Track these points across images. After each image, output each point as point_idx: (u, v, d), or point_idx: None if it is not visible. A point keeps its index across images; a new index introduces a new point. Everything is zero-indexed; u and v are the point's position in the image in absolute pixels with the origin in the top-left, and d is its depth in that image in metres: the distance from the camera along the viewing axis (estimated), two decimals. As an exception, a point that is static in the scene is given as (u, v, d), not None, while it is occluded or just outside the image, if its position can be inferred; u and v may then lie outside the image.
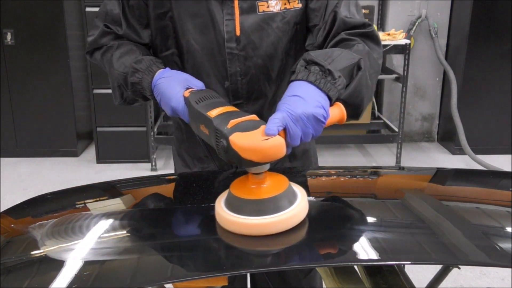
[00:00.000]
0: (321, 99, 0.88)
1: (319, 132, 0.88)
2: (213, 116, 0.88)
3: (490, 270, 2.54)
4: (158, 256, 0.86)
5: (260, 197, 0.83)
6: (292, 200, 0.85)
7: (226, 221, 0.84)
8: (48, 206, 1.12)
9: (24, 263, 0.84)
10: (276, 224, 0.82)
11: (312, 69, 0.92)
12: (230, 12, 1.11)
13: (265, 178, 0.86)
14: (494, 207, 1.02)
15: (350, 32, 1.09)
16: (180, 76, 1.07)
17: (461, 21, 4.02)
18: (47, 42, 3.87)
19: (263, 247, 0.82)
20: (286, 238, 0.83)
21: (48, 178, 3.72)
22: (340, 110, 0.92)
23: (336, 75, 0.91)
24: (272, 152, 0.80)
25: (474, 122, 4.04)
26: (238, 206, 0.84)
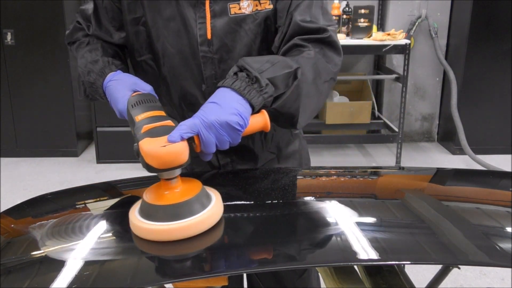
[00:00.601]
0: (239, 107, 0.87)
1: (236, 139, 0.88)
2: (138, 120, 0.90)
3: (490, 270, 2.54)
4: (158, 256, 0.86)
5: (172, 203, 0.83)
6: (206, 204, 0.86)
7: (138, 229, 0.84)
8: (48, 206, 1.12)
9: (24, 264, 0.84)
10: (188, 228, 0.82)
11: (240, 76, 0.92)
12: (202, 15, 1.11)
13: (177, 184, 0.86)
14: (494, 207, 1.02)
15: (304, 37, 1.06)
16: (129, 80, 1.06)
17: (461, 21, 4.02)
18: (47, 42, 3.87)
19: (180, 251, 0.82)
20: (202, 241, 0.83)
21: (48, 178, 3.72)
22: (263, 118, 0.91)
23: (263, 83, 0.91)
24: (169, 158, 0.81)
25: (474, 122, 4.04)
26: (151, 213, 0.84)
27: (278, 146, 1.30)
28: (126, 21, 1.17)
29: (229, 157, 1.26)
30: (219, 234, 0.86)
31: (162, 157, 0.81)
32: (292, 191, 1.08)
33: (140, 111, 0.93)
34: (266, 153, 1.28)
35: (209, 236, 0.84)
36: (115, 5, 1.17)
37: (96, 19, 1.19)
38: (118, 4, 1.16)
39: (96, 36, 1.20)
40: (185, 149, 0.83)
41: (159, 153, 0.81)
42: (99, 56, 1.13)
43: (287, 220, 0.94)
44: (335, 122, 4.00)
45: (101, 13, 1.18)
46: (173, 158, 0.82)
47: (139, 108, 0.94)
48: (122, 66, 1.15)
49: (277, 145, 1.30)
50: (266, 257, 0.83)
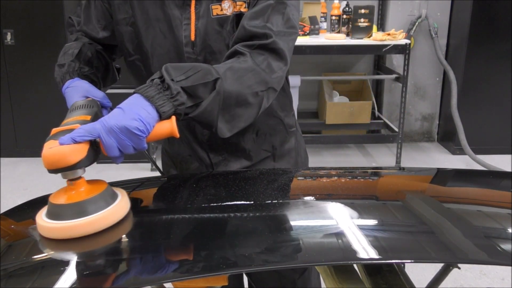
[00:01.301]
0: (143, 112, 0.88)
1: (139, 144, 0.89)
2: (63, 123, 0.95)
3: (490, 270, 2.54)
4: (158, 256, 0.86)
5: (75, 201, 0.86)
6: (110, 201, 0.89)
7: (44, 229, 0.86)
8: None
9: (24, 265, 0.84)
10: (92, 223, 0.85)
11: (154, 82, 0.93)
12: (188, 17, 1.12)
13: (80, 184, 0.89)
14: (494, 207, 1.02)
15: (246, 43, 1.04)
16: (82, 87, 1.10)
17: (461, 21, 4.02)
18: (47, 42, 3.87)
19: (87, 248, 0.84)
20: (107, 236, 0.86)
21: (48, 178, 3.69)
22: (170, 125, 0.92)
23: (174, 91, 0.92)
24: (53, 159, 0.84)
25: (474, 122, 4.04)
26: (56, 213, 0.86)
27: (272, 145, 1.30)
28: (116, 21, 1.19)
29: (220, 155, 1.26)
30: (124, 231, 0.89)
31: (46, 158, 0.85)
32: (292, 191, 1.08)
33: (71, 116, 0.98)
34: (261, 152, 1.29)
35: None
36: (104, 5, 1.20)
37: (86, 15, 1.23)
38: (107, 5, 1.20)
39: (84, 31, 1.24)
40: (73, 151, 0.85)
41: (44, 155, 0.85)
42: (68, 60, 1.16)
43: (287, 220, 0.94)
44: (335, 122, 4.00)
45: (91, 10, 1.21)
46: (57, 159, 0.84)
47: (74, 112, 1.00)
48: (91, 72, 1.16)
49: (272, 144, 1.30)
50: (266, 256, 0.83)
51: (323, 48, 3.67)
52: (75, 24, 1.25)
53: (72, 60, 1.15)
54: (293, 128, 1.35)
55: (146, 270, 0.79)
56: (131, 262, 0.83)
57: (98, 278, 0.77)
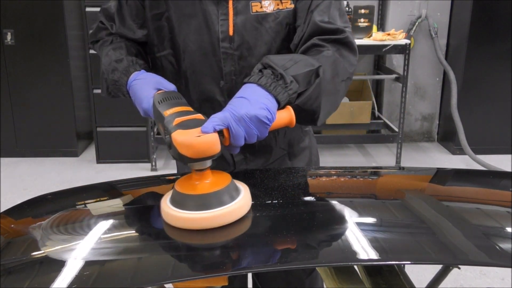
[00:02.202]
0: (267, 102, 0.91)
1: (264, 133, 0.91)
2: (167, 115, 0.94)
3: (490, 270, 2.54)
4: (158, 256, 0.86)
5: (203, 192, 0.88)
6: (234, 196, 0.89)
7: (171, 217, 0.88)
8: (48, 206, 1.12)
9: (24, 264, 0.84)
10: (218, 217, 0.86)
11: (265, 73, 0.95)
12: (225, 12, 1.13)
13: (208, 175, 0.90)
14: (494, 207, 1.02)
15: (322, 38, 1.09)
16: (153, 79, 1.09)
17: (461, 21, 4.02)
18: (47, 42, 3.87)
19: (208, 240, 0.85)
20: (230, 231, 0.86)
21: (48, 178, 3.72)
22: (289, 114, 0.95)
23: (288, 80, 0.95)
24: (203, 148, 0.85)
25: (474, 122, 4.04)
26: (182, 202, 0.88)
27: (289, 143, 1.31)
28: (148, 17, 1.19)
29: (243, 154, 1.27)
30: (245, 226, 0.89)
31: (196, 146, 0.85)
32: (292, 191, 1.08)
33: (168, 107, 0.96)
34: (278, 150, 1.30)
35: (236, 228, 0.87)
36: (139, 2, 1.19)
37: (120, 17, 1.21)
38: (142, 1, 1.19)
39: (120, 34, 1.23)
40: (217, 140, 0.86)
41: (194, 143, 0.85)
42: (124, 55, 1.16)
43: (287, 220, 0.94)
44: (335, 122, 4.00)
45: (125, 11, 1.20)
46: (207, 147, 0.85)
47: (166, 104, 0.98)
48: (145, 66, 1.17)
49: (289, 142, 1.31)
50: (266, 257, 0.83)
51: (323, 48, 3.67)
52: (108, 27, 1.24)
53: (127, 55, 1.16)
54: (307, 127, 1.38)
55: (146, 270, 0.79)
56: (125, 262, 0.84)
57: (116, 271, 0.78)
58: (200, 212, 0.86)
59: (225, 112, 0.89)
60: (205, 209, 0.86)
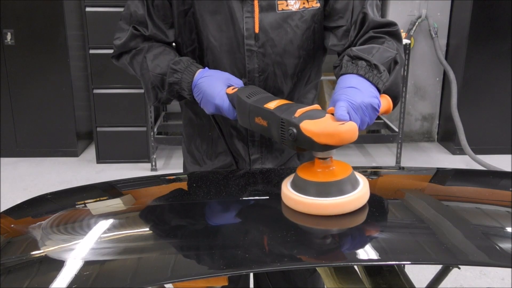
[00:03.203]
0: (374, 90, 0.95)
1: (373, 120, 0.94)
2: (272, 108, 0.95)
3: (490, 270, 2.54)
4: (158, 256, 0.86)
5: (326, 180, 0.89)
6: (355, 186, 0.91)
7: (293, 201, 0.90)
8: (48, 206, 1.12)
9: (24, 263, 0.84)
10: (339, 205, 0.88)
11: (360, 64, 0.98)
12: (250, 10, 1.14)
13: (331, 164, 0.92)
14: (494, 207, 1.02)
15: (378, 30, 1.13)
16: (222, 75, 1.11)
17: (461, 21, 4.02)
18: (47, 42, 3.87)
19: (325, 226, 0.88)
20: (346, 220, 0.88)
21: (48, 178, 3.72)
22: (387, 101, 0.99)
23: (381, 69, 0.98)
24: (348, 135, 0.86)
25: (474, 122, 4.04)
26: (304, 187, 0.90)
27: None
28: (175, 15, 1.18)
29: (260, 152, 1.27)
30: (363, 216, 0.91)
31: (340, 134, 0.86)
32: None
33: (265, 101, 0.98)
34: (289, 150, 1.30)
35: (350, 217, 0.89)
36: (165, 2, 1.17)
37: (151, 19, 1.19)
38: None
39: (153, 37, 1.20)
40: (357, 127, 0.88)
41: (338, 131, 0.85)
42: (176, 56, 1.16)
43: (287, 220, 0.94)
44: (335, 122, 3.99)
45: (153, 13, 1.18)
46: (351, 135, 0.86)
47: (259, 98, 1.00)
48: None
49: None
50: (265, 257, 0.83)
51: (323, 48, 3.67)
52: (143, 33, 1.19)
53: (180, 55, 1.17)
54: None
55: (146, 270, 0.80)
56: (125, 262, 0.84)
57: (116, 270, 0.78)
58: (321, 198, 0.88)
59: (344, 102, 0.90)
60: (326, 196, 0.88)
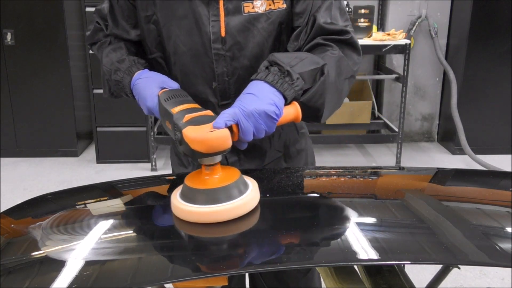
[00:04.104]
0: (274, 98, 0.94)
1: (272, 128, 0.94)
2: (174, 112, 0.95)
3: (490, 270, 2.54)
4: (158, 256, 0.86)
5: (212, 187, 0.89)
6: (243, 190, 0.91)
7: (181, 211, 0.89)
8: (48, 206, 1.12)
9: (24, 264, 0.84)
10: (227, 211, 0.87)
11: (272, 70, 0.98)
12: (216, 13, 1.12)
13: (217, 170, 0.92)
14: (494, 207, 1.02)
15: (327, 37, 1.10)
16: (157, 78, 1.11)
17: (461, 21, 4.02)
18: (47, 42, 3.87)
19: (218, 234, 0.87)
20: (239, 225, 0.88)
21: (48, 178, 3.72)
22: (295, 109, 0.98)
23: (294, 77, 0.97)
24: (217, 143, 0.87)
25: (474, 122, 4.04)
26: (192, 196, 0.89)
27: (285, 145, 1.31)
28: (140, 19, 1.18)
29: (237, 155, 1.26)
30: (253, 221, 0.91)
31: (209, 142, 0.86)
32: (292, 190, 1.08)
33: (175, 104, 0.98)
34: (273, 152, 1.29)
35: (242, 222, 0.89)
36: (130, 3, 1.19)
37: (112, 18, 1.21)
38: (133, 1, 1.18)
39: (114, 34, 1.23)
40: (229, 135, 0.88)
41: (207, 138, 0.86)
42: (125, 55, 1.17)
43: (287, 220, 0.94)
44: (335, 122, 4.00)
45: (116, 11, 1.20)
46: (220, 143, 0.87)
47: (173, 102, 1.00)
48: (147, 65, 1.18)
49: (284, 144, 1.30)
50: (265, 256, 0.83)
51: (323, 48, 3.67)
52: (103, 28, 1.24)
53: (128, 55, 1.16)
54: (303, 129, 1.37)
55: (146, 270, 0.79)
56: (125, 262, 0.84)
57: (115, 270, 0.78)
58: (209, 206, 0.87)
59: (235, 108, 0.91)
60: (215, 203, 0.87)
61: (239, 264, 0.82)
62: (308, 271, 1.41)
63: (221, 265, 0.79)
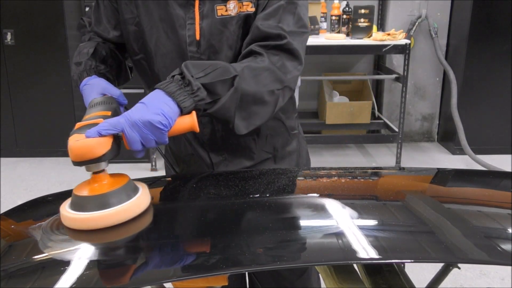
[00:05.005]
0: (164, 107, 0.92)
1: (161, 138, 0.92)
2: (83, 119, 0.97)
3: (490, 270, 2.54)
4: (158, 256, 0.86)
5: (98, 193, 0.89)
6: (132, 195, 0.92)
7: (69, 220, 0.89)
8: (48, 208, 1.12)
9: (24, 265, 0.84)
10: (113, 215, 0.88)
11: (175, 79, 0.97)
12: (192, 16, 1.13)
13: (104, 177, 0.92)
14: (494, 207, 1.02)
15: (261, 44, 1.07)
16: (99, 85, 1.11)
17: (461, 21, 4.02)
18: (47, 42, 3.87)
19: (108, 239, 0.88)
20: (129, 228, 0.89)
21: (48, 178, 3.72)
22: (191, 119, 0.97)
23: (195, 87, 0.95)
24: (81, 152, 0.88)
25: (474, 122, 4.04)
26: (81, 204, 0.89)
27: (274, 147, 1.30)
28: (123, 21, 1.20)
29: (220, 155, 1.26)
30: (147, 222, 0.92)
31: (73, 150, 0.88)
32: (291, 191, 1.08)
33: (91, 111, 0.99)
34: (261, 152, 1.29)
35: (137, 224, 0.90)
36: (113, 5, 1.22)
37: (96, 16, 1.25)
38: (116, 4, 1.21)
39: (96, 32, 1.26)
40: (98, 144, 0.88)
41: (72, 147, 0.88)
42: (85, 58, 1.18)
43: (287, 220, 0.94)
44: (335, 122, 4.00)
45: (101, 11, 1.23)
46: (84, 151, 0.88)
47: (94, 108, 1.01)
48: (106, 70, 1.19)
49: (273, 146, 1.30)
50: (266, 256, 0.83)
51: (323, 48, 3.67)
52: (86, 25, 1.28)
53: (88, 59, 1.17)
54: (295, 130, 1.36)
55: (161, 264, 0.79)
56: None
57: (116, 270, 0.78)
58: (97, 212, 0.87)
59: (120, 118, 0.91)
60: (103, 209, 0.87)
61: (236, 263, 0.82)
62: (303, 272, 1.41)
63: (221, 264, 0.79)
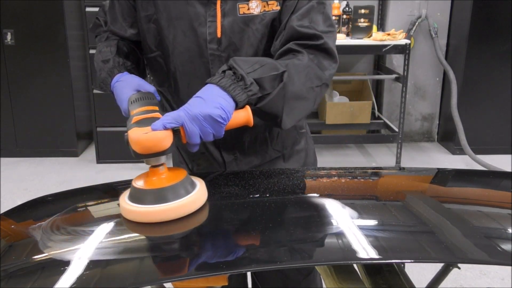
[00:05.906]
0: (222, 101, 0.94)
1: (219, 131, 0.94)
2: (132, 114, 0.98)
3: (490, 270, 2.54)
4: (158, 256, 0.86)
5: (158, 187, 0.91)
6: (190, 189, 0.93)
7: (127, 212, 0.91)
8: (48, 208, 1.12)
9: (24, 265, 0.84)
10: (173, 210, 0.90)
11: (227, 74, 0.98)
12: (213, 14, 1.13)
13: (163, 171, 0.94)
14: (494, 207, 1.02)
15: (299, 43, 1.09)
16: (133, 81, 1.12)
17: (461, 21, 4.02)
18: (47, 42, 3.87)
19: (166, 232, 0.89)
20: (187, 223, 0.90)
21: (48, 178, 3.72)
22: (246, 113, 0.98)
23: (248, 82, 0.97)
24: (150, 144, 0.90)
25: (474, 122, 4.04)
26: (140, 197, 0.91)
27: (283, 145, 1.31)
28: (139, 18, 1.20)
29: (233, 154, 1.27)
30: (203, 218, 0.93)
31: (143, 142, 0.89)
32: (292, 191, 1.08)
33: (136, 107, 1.00)
34: (271, 151, 1.30)
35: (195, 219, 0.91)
36: (129, 3, 1.22)
37: (112, 15, 1.25)
38: (132, 1, 1.21)
39: (112, 31, 1.26)
40: (165, 137, 0.90)
41: (141, 139, 0.89)
42: (111, 55, 1.18)
43: (287, 220, 0.94)
44: (335, 122, 4.00)
45: (117, 9, 1.23)
46: (154, 144, 0.89)
47: (136, 104, 1.02)
48: (132, 67, 1.19)
49: (283, 144, 1.31)
50: (266, 256, 0.84)
51: (323, 48, 3.67)
52: (102, 24, 1.27)
53: (115, 56, 1.18)
54: (303, 129, 1.37)
55: (146, 270, 0.80)
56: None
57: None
58: (156, 205, 0.89)
59: (180, 111, 0.92)
60: (162, 203, 0.89)
61: (236, 263, 0.82)
62: (309, 272, 1.41)
63: (221, 264, 0.79)
